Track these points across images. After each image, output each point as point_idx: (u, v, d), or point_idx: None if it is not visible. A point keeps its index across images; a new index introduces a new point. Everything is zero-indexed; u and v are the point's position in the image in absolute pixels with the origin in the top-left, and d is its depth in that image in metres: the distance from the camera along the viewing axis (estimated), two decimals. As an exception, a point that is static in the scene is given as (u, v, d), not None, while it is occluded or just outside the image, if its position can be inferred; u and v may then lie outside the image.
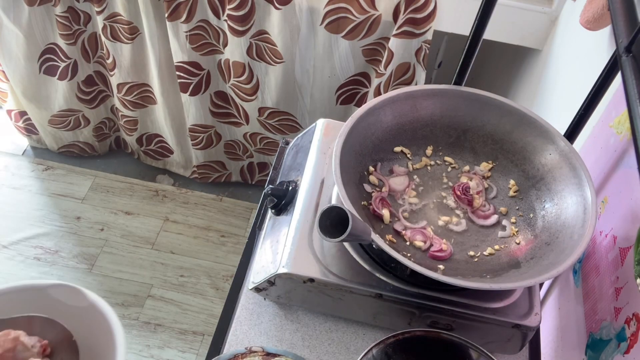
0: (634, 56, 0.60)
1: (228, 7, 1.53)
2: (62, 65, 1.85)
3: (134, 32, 1.70)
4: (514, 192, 0.92)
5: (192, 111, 1.88)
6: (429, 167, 0.95)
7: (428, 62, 1.57)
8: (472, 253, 0.84)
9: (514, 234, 0.87)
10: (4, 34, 1.76)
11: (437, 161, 0.96)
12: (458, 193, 0.90)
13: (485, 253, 0.85)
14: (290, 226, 0.87)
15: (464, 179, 0.93)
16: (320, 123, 1.02)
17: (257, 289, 0.87)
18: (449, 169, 0.95)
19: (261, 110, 1.84)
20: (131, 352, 1.70)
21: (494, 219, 0.89)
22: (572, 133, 0.96)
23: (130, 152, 2.25)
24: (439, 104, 0.94)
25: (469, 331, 0.83)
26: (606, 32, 1.02)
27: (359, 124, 0.87)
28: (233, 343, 0.87)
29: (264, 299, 0.92)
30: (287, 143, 1.10)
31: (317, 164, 0.95)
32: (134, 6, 1.62)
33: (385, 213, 0.86)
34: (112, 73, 1.83)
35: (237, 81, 1.75)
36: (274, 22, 1.54)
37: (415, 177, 0.93)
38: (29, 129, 2.18)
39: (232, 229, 2.08)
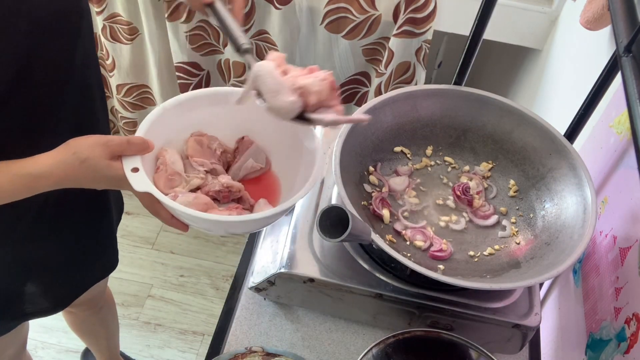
0: (634, 56, 0.60)
1: (228, 7, 1.52)
2: (62, 65, 1.84)
3: (134, 32, 1.70)
4: (514, 192, 0.92)
5: (192, 111, 1.88)
6: (429, 168, 0.95)
7: (428, 62, 1.57)
8: (472, 253, 0.84)
9: (514, 234, 0.87)
10: (4, 34, 1.76)
11: (437, 161, 0.96)
12: (458, 193, 0.90)
13: (485, 253, 0.85)
14: (290, 226, 0.87)
15: (464, 179, 0.93)
16: (320, 123, 1.02)
17: (257, 289, 0.87)
18: (449, 169, 0.95)
19: (261, 110, 1.84)
20: (131, 352, 1.70)
21: (494, 219, 0.89)
22: (572, 133, 0.96)
23: (130, 153, 2.24)
24: (439, 104, 0.94)
25: (469, 331, 0.83)
26: (606, 32, 1.02)
27: (359, 124, 0.87)
28: (233, 343, 0.87)
29: (264, 299, 0.92)
30: (287, 143, 1.10)
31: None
32: (133, 6, 1.62)
33: (385, 213, 0.86)
34: (111, 74, 1.83)
35: (237, 81, 1.75)
36: (274, 22, 1.54)
37: (415, 177, 0.93)
38: (29, 129, 2.18)
39: (232, 229, 2.08)
